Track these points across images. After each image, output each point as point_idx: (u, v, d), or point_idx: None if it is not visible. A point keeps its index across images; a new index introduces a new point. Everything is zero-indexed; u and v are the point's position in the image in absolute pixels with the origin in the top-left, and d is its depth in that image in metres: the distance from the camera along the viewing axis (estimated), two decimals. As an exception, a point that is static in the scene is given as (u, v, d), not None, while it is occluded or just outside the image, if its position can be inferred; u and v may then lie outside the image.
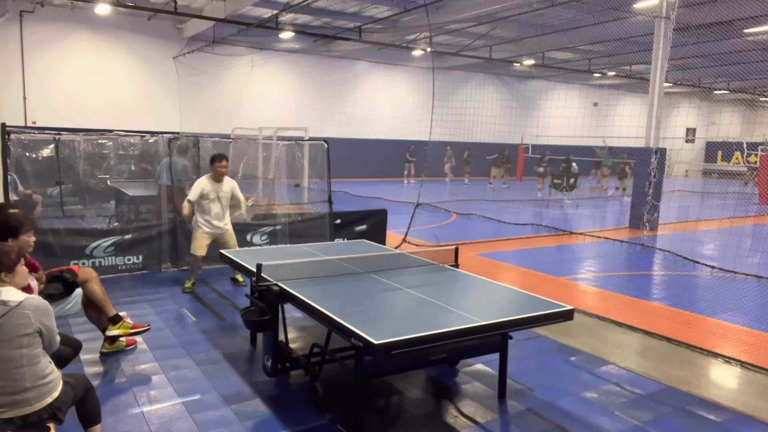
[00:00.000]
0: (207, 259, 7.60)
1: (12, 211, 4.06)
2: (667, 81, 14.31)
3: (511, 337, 4.18)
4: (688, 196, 19.84)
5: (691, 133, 31.58)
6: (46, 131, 8.68)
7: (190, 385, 4.17)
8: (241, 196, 6.75)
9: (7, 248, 2.95)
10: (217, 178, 6.46)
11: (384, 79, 23.65)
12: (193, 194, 6.35)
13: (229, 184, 6.61)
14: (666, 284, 8.04)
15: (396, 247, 8.29)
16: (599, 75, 25.04)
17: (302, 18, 17.62)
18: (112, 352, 4.69)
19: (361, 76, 23.70)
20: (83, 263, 6.79)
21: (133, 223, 8.38)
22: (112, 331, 4.52)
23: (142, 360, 4.62)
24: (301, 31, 17.50)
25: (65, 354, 3.43)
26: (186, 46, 18.83)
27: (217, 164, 6.39)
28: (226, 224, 6.62)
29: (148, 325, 4.79)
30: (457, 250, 5.04)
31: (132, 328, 4.60)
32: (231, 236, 6.66)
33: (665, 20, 11.71)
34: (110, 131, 9.24)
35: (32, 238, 3.84)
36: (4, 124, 6.58)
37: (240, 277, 6.95)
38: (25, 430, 2.69)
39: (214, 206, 6.44)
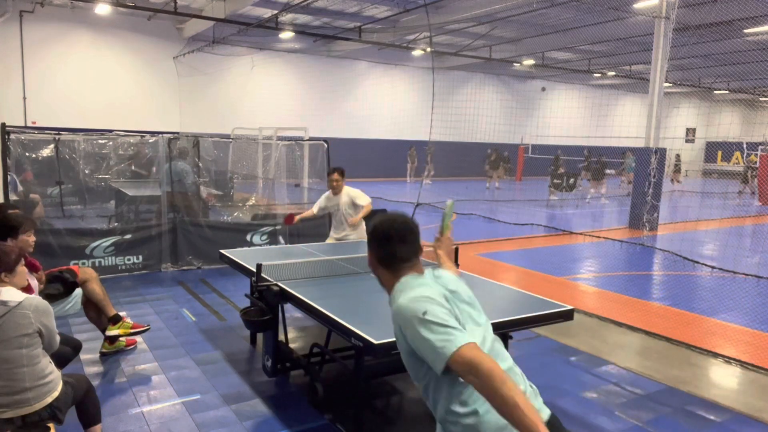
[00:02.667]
0: (207, 259, 7.63)
1: (12, 211, 4.05)
2: (667, 81, 14.31)
3: (511, 337, 4.18)
4: (688, 196, 19.85)
5: (691, 133, 31.57)
6: (46, 131, 8.68)
7: (190, 385, 4.17)
8: (362, 201, 6.35)
9: (8, 248, 2.94)
10: (334, 192, 6.36)
11: (384, 79, 23.64)
12: (315, 207, 6.48)
13: (347, 194, 6.38)
14: (666, 284, 8.04)
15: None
16: (599, 75, 25.05)
17: (302, 18, 17.62)
18: (112, 352, 4.69)
19: (361, 76, 23.70)
20: (83, 263, 6.79)
21: (133, 223, 8.38)
22: (112, 331, 4.53)
23: (142, 360, 4.62)
24: (301, 31, 17.50)
25: (65, 354, 3.43)
26: (186, 46, 18.82)
27: (328, 177, 6.43)
28: (348, 233, 6.40)
29: (148, 325, 4.79)
30: (457, 250, 5.02)
31: (132, 328, 4.60)
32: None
33: (665, 20, 11.71)
34: (110, 131, 9.22)
35: (32, 238, 3.83)
36: (4, 124, 6.57)
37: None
38: (25, 430, 2.69)
39: (334, 218, 6.48)
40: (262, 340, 4.29)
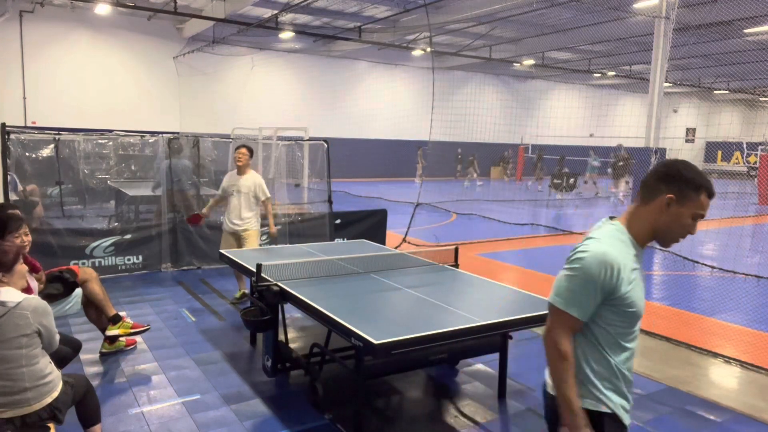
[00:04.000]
0: (207, 259, 7.63)
1: (11, 212, 3.99)
2: (667, 81, 14.30)
3: (511, 337, 4.18)
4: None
5: (691, 133, 31.57)
6: (46, 131, 8.68)
7: (190, 385, 4.17)
8: (263, 194, 6.02)
9: (5, 248, 2.94)
10: (239, 171, 5.98)
11: (384, 79, 23.63)
12: (220, 189, 6.22)
13: (252, 178, 6.02)
14: (666, 284, 8.04)
15: (396, 247, 8.28)
16: (599, 75, 25.04)
17: (302, 18, 17.62)
18: (112, 352, 4.69)
19: (361, 76, 23.69)
20: (83, 263, 6.79)
21: (133, 223, 8.38)
22: (112, 331, 4.52)
23: (142, 360, 4.62)
24: (301, 31, 17.50)
25: (65, 354, 3.43)
26: (186, 46, 18.82)
27: (236, 152, 5.98)
28: (245, 223, 6.00)
29: (148, 325, 4.79)
30: (457, 250, 5.04)
31: (132, 328, 4.60)
32: (250, 239, 6.01)
33: (665, 20, 11.71)
34: (110, 131, 9.22)
35: (27, 238, 3.53)
36: (4, 124, 6.57)
37: (239, 294, 6.23)
38: (25, 430, 2.69)
39: (232, 200, 5.99)
40: (262, 340, 4.29)
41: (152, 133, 9.07)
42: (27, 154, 8.07)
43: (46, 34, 17.13)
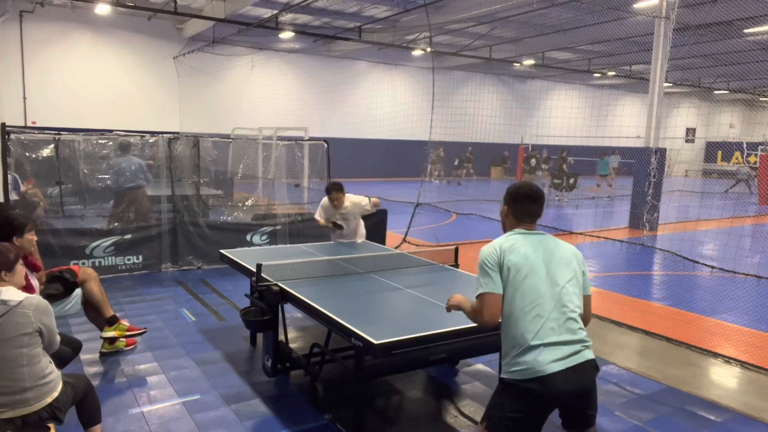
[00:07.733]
0: (207, 259, 7.64)
1: (19, 212, 4.06)
2: (667, 81, 14.31)
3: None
4: (688, 196, 19.84)
5: (691, 133, 31.56)
6: (46, 131, 8.68)
7: (190, 385, 4.17)
8: (363, 202, 5.98)
9: (6, 247, 2.94)
10: (335, 207, 5.87)
11: (384, 79, 23.62)
12: (318, 214, 6.03)
13: (350, 201, 5.93)
14: (666, 284, 8.04)
15: (396, 247, 8.28)
16: (599, 75, 25.04)
17: (302, 18, 17.62)
18: (112, 352, 4.69)
19: (361, 76, 23.69)
20: (83, 263, 6.79)
21: (133, 223, 8.38)
22: (108, 333, 4.52)
23: (142, 360, 4.62)
24: (301, 31, 17.50)
25: (65, 354, 3.43)
26: (186, 46, 18.82)
27: (330, 196, 5.82)
28: (359, 238, 6.08)
29: (144, 328, 4.79)
30: (457, 250, 5.04)
31: (128, 330, 4.60)
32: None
33: (665, 20, 11.71)
34: (110, 131, 9.23)
35: (35, 237, 3.85)
36: (4, 124, 6.58)
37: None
38: (25, 430, 2.69)
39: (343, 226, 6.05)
40: (262, 340, 4.29)
41: (152, 133, 9.07)
42: (27, 154, 8.06)
43: (46, 34, 17.12)
